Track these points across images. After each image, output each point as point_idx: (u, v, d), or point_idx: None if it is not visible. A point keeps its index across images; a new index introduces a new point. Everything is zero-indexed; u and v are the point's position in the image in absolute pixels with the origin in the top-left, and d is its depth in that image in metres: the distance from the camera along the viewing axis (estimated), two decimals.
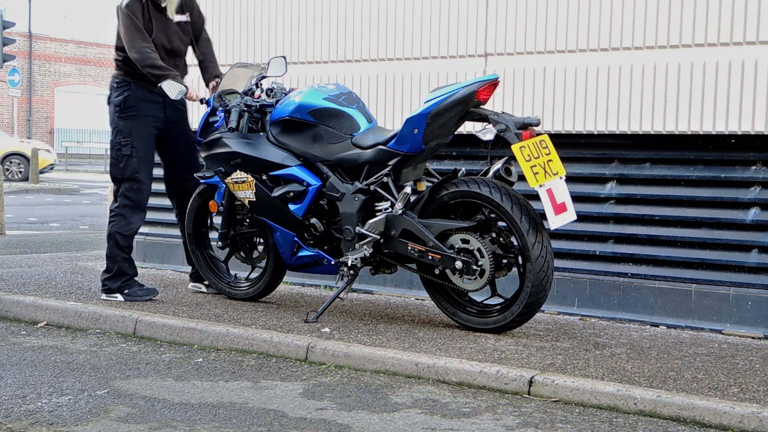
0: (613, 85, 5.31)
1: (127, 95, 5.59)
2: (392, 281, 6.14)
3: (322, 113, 5.22)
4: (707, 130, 5.06)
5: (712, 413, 3.58)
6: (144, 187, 5.65)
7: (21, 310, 5.58)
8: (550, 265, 4.72)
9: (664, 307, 5.26)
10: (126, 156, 5.58)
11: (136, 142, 5.59)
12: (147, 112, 5.63)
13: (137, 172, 5.60)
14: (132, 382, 4.13)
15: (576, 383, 3.87)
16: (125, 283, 5.66)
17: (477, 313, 4.98)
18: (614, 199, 5.46)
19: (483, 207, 4.88)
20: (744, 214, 5.08)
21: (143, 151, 5.62)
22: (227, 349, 4.78)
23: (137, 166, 5.59)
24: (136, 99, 5.60)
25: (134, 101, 5.60)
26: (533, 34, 5.54)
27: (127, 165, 5.59)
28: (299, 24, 6.46)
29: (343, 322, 5.13)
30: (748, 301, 5.02)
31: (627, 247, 5.42)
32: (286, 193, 5.27)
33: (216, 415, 3.63)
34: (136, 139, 5.59)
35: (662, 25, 5.13)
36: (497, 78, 4.82)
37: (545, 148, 4.70)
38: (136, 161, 5.59)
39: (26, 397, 3.84)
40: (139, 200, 5.65)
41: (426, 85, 5.89)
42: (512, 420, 3.61)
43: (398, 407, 3.77)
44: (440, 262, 4.84)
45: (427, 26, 5.92)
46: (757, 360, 4.44)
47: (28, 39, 38.16)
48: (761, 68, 4.88)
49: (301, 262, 5.38)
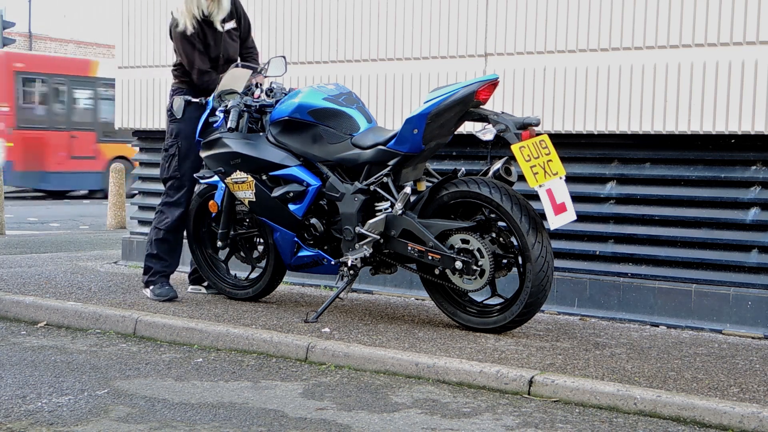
0: (613, 85, 5.31)
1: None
2: (392, 281, 6.14)
3: (321, 113, 5.22)
4: (707, 130, 5.06)
5: (712, 413, 3.58)
6: (186, 184, 5.82)
7: (21, 310, 5.58)
8: (550, 265, 4.72)
9: (664, 307, 5.26)
10: (171, 156, 5.82)
11: (182, 142, 5.80)
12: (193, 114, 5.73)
13: (178, 170, 5.80)
14: (132, 382, 4.13)
15: (576, 383, 3.87)
16: (150, 279, 5.83)
17: (477, 313, 4.98)
18: (614, 199, 5.46)
19: (483, 207, 4.88)
20: (744, 214, 5.08)
21: (186, 149, 5.80)
22: (227, 349, 4.78)
23: (178, 163, 5.80)
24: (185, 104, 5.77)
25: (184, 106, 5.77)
26: (533, 34, 5.54)
27: (171, 164, 5.82)
28: (299, 24, 6.46)
29: (343, 322, 5.13)
30: (748, 301, 5.02)
31: (627, 247, 5.42)
32: (286, 194, 5.27)
33: (216, 415, 3.63)
34: (182, 140, 5.80)
35: (662, 25, 5.13)
36: (497, 78, 4.82)
37: (545, 148, 4.70)
38: (177, 159, 5.80)
39: (26, 397, 3.84)
40: (179, 197, 5.81)
41: (426, 85, 5.89)
42: (512, 420, 3.61)
43: (398, 407, 3.77)
44: (440, 262, 4.84)
45: (427, 26, 5.92)
46: (757, 360, 4.44)
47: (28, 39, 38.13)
48: (761, 68, 4.88)
49: (301, 262, 5.38)
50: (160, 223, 5.83)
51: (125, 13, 7.33)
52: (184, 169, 5.80)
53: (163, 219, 5.82)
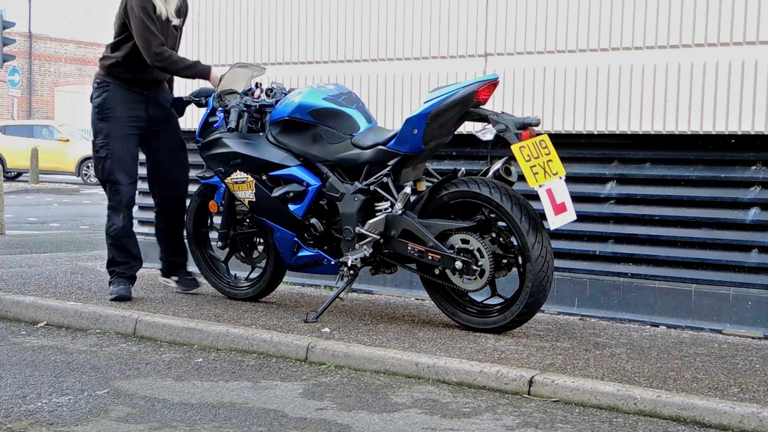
0: (613, 85, 5.31)
1: (106, 96, 5.58)
2: (392, 281, 6.14)
3: (321, 113, 5.22)
4: (707, 130, 5.06)
5: (712, 413, 3.58)
6: (121, 188, 5.59)
7: (21, 310, 5.58)
8: (550, 265, 4.72)
9: (664, 307, 5.26)
10: (102, 158, 5.58)
11: (113, 143, 5.55)
12: (125, 113, 5.59)
13: (112, 173, 5.56)
14: (132, 382, 4.13)
15: (576, 383, 3.87)
16: (111, 279, 5.74)
17: (477, 313, 4.98)
18: (614, 199, 5.46)
19: (483, 207, 4.88)
20: (744, 214, 5.08)
21: (119, 152, 5.57)
22: (227, 349, 4.78)
23: (111, 167, 5.56)
24: (114, 100, 5.57)
25: (112, 102, 5.57)
26: (533, 34, 5.54)
27: (104, 167, 5.58)
28: (299, 24, 6.46)
29: (343, 322, 5.13)
30: (748, 301, 5.02)
31: (627, 247, 5.41)
32: (286, 194, 5.27)
33: (216, 415, 3.63)
34: (112, 140, 5.55)
35: (662, 25, 5.13)
36: (497, 78, 4.82)
37: (545, 148, 4.70)
38: (110, 162, 5.56)
39: (26, 397, 3.84)
40: (119, 201, 5.61)
41: (426, 85, 5.89)
42: (512, 420, 3.61)
43: (398, 407, 3.77)
44: (440, 262, 4.84)
45: (427, 26, 5.92)
46: (757, 360, 4.44)
47: (28, 39, 38.14)
48: (761, 68, 4.88)
49: (301, 262, 5.38)
50: (109, 229, 5.68)
51: None
52: (121, 172, 5.58)
53: (111, 225, 5.65)
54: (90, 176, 25.01)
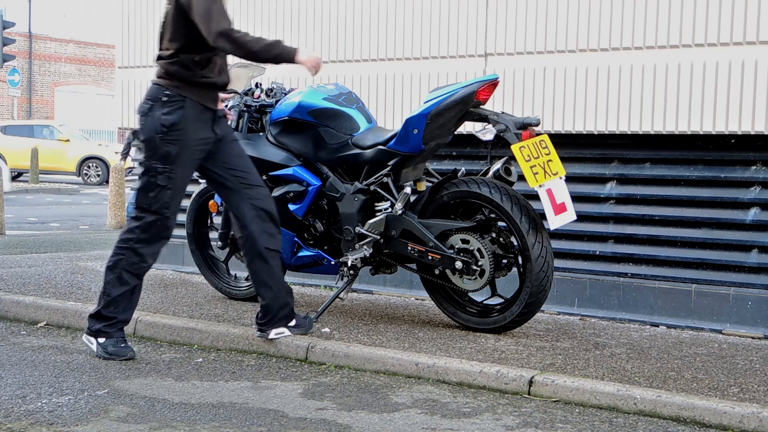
0: (613, 85, 5.31)
1: (182, 115, 4.44)
2: (392, 281, 6.14)
3: (321, 113, 5.22)
4: (707, 130, 5.06)
5: (712, 413, 3.59)
6: (170, 223, 4.61)
7: (21, 310, 5.58)
8: (550, 265, 4.72)
9: (664, 307, 5.26)
10: (160, 187, 4.49)
11: (178, 171, 4.51)
12: (196, 135, 4.52)
13: (168, 207, 4.54)
14: (132, 382, 4.13)
15: (576, 383, 3.87)
16: (106, 328, 4.61)
17: (477, 313, 4.98)
18: (614, 199, 5.46)
19: (483, 207, 4.88)
20: (744, 214, 5.08)
21: (181, 182, 4.56)
22: (227, 349, 4.78)
23: (169, 199, 4.54)
24: (188, 120, 4.47)
25: (186, 123, 4.46)
26: (533, 34, 5.53)
27: (158, 197, 4.51)
28: (299, 24, 6.46)
29: (343, 322, 5.13)
30: (748, 301, 5.02)
31: (627, 247, 5.41)
32: (286, 193, 5.27)
33: (216, 415, 3.63)
34: (178, 168, 4.51)
35: (662, 25, 5.13)
36: (497, 78, 4.82)
37: (545, 148, 4.70)
38: (169, 194, 4.53)
39: (26, 397, 3.83)
40: (164, 236, 4.62)
41: (426, 85, 5.89)
42: (512, 420, 3.61)
43: (398, 407, 3.77)
44: (440, 262, 4.84)
45: (427, 26, 5.91)
46: (757, 360, 4.44)
47: (28, 39, 38.12)
48: (761, 68, 4.88)
49: (301, 262, 5.38)
50: (133, 266, 4.56)
51: (125, 13, 7.32)
52: (175, 206, 4.59)
53: (140, 263, 4.56)
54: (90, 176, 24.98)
